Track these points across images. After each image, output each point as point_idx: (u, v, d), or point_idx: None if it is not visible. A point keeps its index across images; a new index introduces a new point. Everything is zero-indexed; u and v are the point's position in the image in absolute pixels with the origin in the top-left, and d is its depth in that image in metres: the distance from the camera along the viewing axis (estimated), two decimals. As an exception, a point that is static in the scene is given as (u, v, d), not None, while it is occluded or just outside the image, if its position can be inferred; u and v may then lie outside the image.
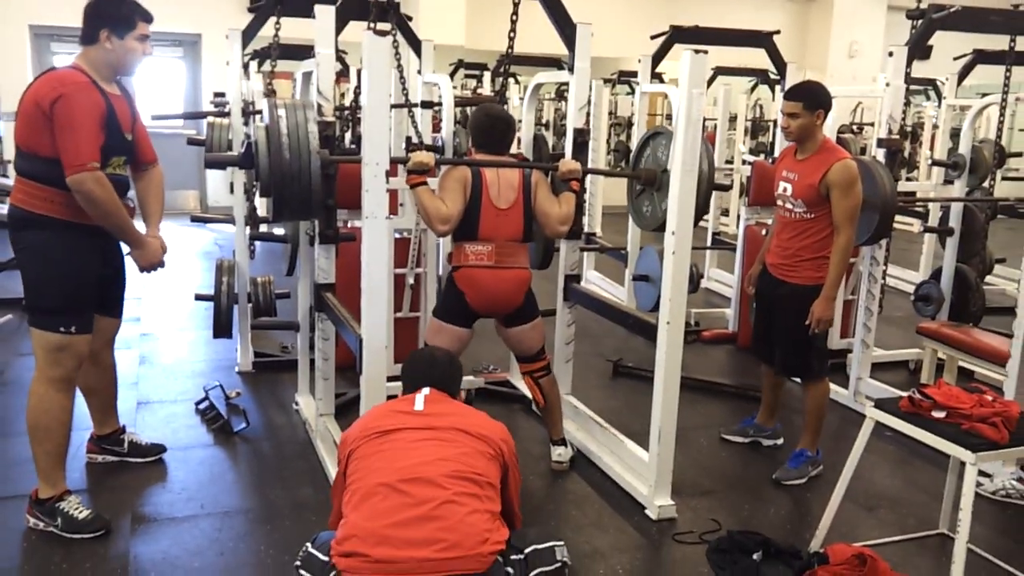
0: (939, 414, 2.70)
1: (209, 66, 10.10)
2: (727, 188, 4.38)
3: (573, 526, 3.26)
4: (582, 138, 3.87)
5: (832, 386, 4.65)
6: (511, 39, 3.84)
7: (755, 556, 2.92)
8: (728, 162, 9.25)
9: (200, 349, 5.15)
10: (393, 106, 5.26)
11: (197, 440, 3.92)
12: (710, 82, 9.87)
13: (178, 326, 5.78)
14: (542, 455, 3.80)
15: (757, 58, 6.32)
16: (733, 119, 10.14)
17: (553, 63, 10.37)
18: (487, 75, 10.38)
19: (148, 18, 3.11)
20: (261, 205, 6.14)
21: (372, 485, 2.19)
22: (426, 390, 2.44)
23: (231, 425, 4.01)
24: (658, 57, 5.94)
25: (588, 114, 3.90)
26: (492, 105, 3.85)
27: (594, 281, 7.06)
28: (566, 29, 3.76)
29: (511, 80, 10.03)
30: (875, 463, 3.84)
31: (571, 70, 3.82)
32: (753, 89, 11.32)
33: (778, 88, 6.36)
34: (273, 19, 5.13)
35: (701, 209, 3.23)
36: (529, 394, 3.99)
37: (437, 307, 3.69)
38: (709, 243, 6.73)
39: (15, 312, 5.45)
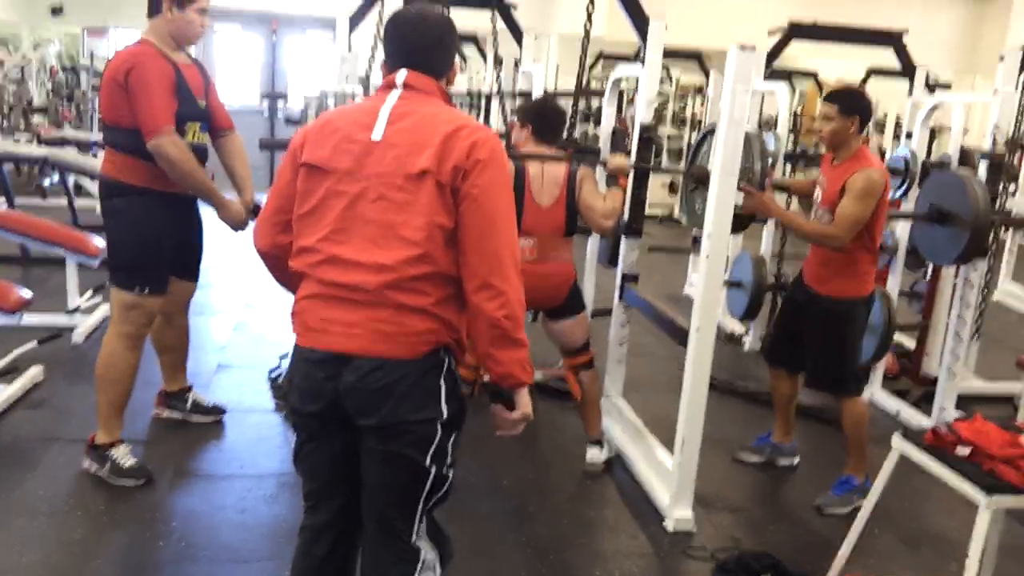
0: (963, 451, 2.47)
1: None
2: (786, 189, 4.16)
3: (584, 525, 3.22)
4: (647, 134, 3.77)
5: (917, 416, 4.37)
6: (587, 30, 3.85)
7: (760, 578, 2.79)
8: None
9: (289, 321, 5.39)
10: (488, 96, 5.36)
11: (258, 405, 4.12)
12: (863, 82, 9.33)
13: (276, 299, 6.02)
14: (581, 455, 3.72)
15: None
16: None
17: (693, 56, 10.17)
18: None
19: None
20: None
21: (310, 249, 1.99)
22: (399, 86, 1.94)
23: (293, 394, 4.18)
24: (773, 55, 5.69)
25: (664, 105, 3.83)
26: (551, 96, 4.00)
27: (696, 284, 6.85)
28: (638, 22, 3.67)
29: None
30: (938, 498, 3.54)
31: (643, 63, 3.72)
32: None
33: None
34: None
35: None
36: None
37: None
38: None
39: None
